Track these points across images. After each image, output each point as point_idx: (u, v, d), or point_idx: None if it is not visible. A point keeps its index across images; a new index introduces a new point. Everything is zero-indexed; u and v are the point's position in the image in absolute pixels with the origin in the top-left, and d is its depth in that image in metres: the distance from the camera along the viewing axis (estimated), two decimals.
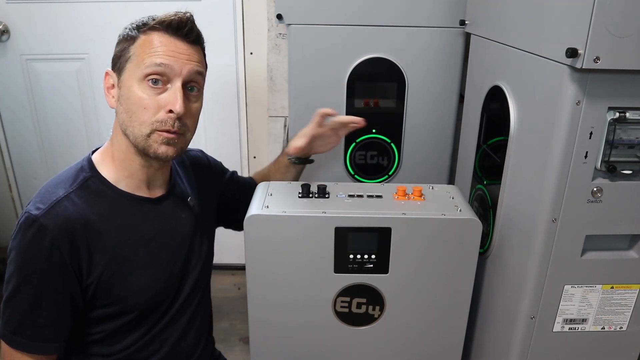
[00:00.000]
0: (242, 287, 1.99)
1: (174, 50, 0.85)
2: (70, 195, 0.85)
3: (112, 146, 0.91)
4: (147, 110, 0.84)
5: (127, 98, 0.85)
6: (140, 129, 0.85)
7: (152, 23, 0.85)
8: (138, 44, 0.85)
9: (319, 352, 1.05)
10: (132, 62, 0.85)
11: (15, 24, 1.76)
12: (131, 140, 0.87)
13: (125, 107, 0.86)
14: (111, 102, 0.90)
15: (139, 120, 0.85)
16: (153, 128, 0.85)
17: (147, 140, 0.86)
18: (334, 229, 0.93)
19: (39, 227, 0.81)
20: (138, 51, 0.85)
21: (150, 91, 0.84)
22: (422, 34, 1.32)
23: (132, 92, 0.85)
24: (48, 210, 0.82)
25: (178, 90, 0.85)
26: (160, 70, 0.84)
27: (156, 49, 0.84)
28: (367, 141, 1.42)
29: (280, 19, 1.31)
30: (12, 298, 0.83)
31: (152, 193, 0.94)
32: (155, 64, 0.83)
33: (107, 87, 0.90)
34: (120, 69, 0.87)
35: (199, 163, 1.10)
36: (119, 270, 0.88)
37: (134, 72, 0.85)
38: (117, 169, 0.90)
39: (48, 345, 0.86)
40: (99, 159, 0.91)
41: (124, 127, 0.87)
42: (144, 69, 0.84)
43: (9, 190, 1.99)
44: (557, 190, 0.83)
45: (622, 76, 0.76)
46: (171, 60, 0.84)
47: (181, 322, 0.99)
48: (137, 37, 0.86)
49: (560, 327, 0.95)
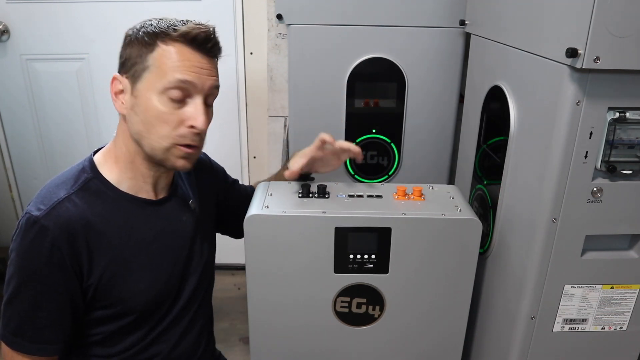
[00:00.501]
0: (242, 287, 1.99)
1: (197, 67, 0.83)
2: (71, 197, 0.84)
3: (116, 148, 0.90)
4: (168, 125, 0.83)
5: (146, 110, 0.83)
6: (160, 142, 0.84)
7: (174, 35, 0.82)
8: (158, 53, 0.82)
9: (319, 352, 1.05)
10: (150, 72, 0.82)
11: (15, 24, 1.76)
12: (147, 151, 0.86)
13: (143, 118, 0.84)
14: (120, 108, 0.87)
15: (159, 134, 0.84)
16: (174, 142, 0.85)
17: (166, 153, 0.86)
18: (334, 229, 0.93)
19: (39, 228, 0.80)
20: (158, 62, 0.82)
21: (171, 105, 0.83)
22: (422, 34, 1.32)
23: (152, 105, 0.83)
24: (49, 211, 0.81)
25: (200, 106, 0.84)
26: (183, 86, 0.82)
27: (180, 63, 0.82)
28: (367, 141, 1.42)
29: (280, 19, 1.31)
30: (13, 299, 0.83)
31: (155, 195, 0.94)
32: (178, 80, 0.82)
33: (115, 92, 0.87)
34: (136, 76, 0.84)
35: (202, 166, 1.09)
36: (119, 272, 0.88)
37: (154, 84, 0.82)
38: (121, 170, 0.90)
39: (48, 346, 0.86)
40: (101, 160, 0.91)
41: (139, 136, 0.85)
42: (165, 83, 0.82)
43: (9, 190, 1.99)
44: (557, 190, 0.83)
45: (622, 76, 0.76)
46: (194, 77, 0.83)
47: (182, 324, 0.99)
48: (155, 45, 0.82)
49: (560, 327, 0.95)
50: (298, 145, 1.43)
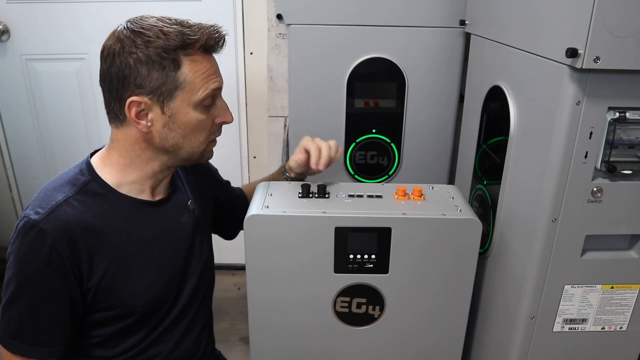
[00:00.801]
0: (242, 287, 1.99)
1: (216, 69, 0.89)
2: (69, 199, 0.84)
3: (117, 154, 0.89)
4: (206, 130, 0.90)
5: (186, 123, 0.86)
6: (199, 147, 0.90)
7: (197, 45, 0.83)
8: (186, 69, 0.82)
9: (319, 352, 1.05)
10: (184, 90, 0.83)
11: (15, 24, 1.76)
12: (184, 157, 0.91)
13: (182, 132, 0.87)
14: (144, 128, 0.85)
15: (199, 140, 0.90)
16: (208, 141, 0.92)
17: (203, 152, 0.92)
18: (334, 229, 0.93)
19: (38, 231, 0.80)
20: (190, 78, 0.83)
21: (206, 111, 0.88)
22: (422, 34, 1.32)
23: (191, 118, 0.86)
24: (47, 214, 0.81)
25: (224, 103, 0.92)
26: (215, 93, 0.88)
27: (208, 72, 0.86)
28: (367, 141, 1.42)
29: (280, 19, 1.31)
30: (11, 302, 0.83)
31: (154, 196, 0.94)
32: (213, 90, 0.87)
33: (135, 115, 0.84)
34: (165, 95, 0.83)
35: (200, 166, 1.09)
36: (120, 274, 0.88)
37: (189, 99, 0.85)
38: (122, 174, 0.89)
39: (47, 349, 0.85)
40: (99, 164, 0.90)
41: (176, 148, 0.88)
42: (203, 95, 0.85)
43: (9, 190, 1.99)
44: (557, 190, 0.83)
45: (622, 76, 0.76)
46: (220, 82, 0.89)
47: (182, 325, 0.99)
48: (180, 61, 0.82)
49: (560, 327, 0.95)
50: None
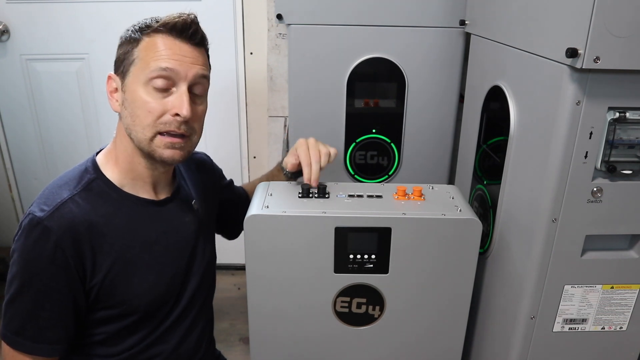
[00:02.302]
0: (242, 287, 1.99)
1: (178, 54, 0.84)
2: (74, 197, 0.84)
3: (116, 149, 0.90)
4: (152, 114, 0.83)
5: (132, 102, 0.84)
6: (143, 133, 0.84)
7: (155, 25, 0.84)
8: (142, 46, 0.84)
9: (319, 352, 1.05)
10: (136, 66, 0.84)
11: (15, 24, 1.76)
12: (136, 144, 0.86)
13: (130, 111, 0.85)
14: (115, 106, 0.88)
15: (143, 124, 0.84)
16: (156, 131, 0.84)
17: (151, 144, 0.85)
18: (334, 229, 0.93)
19: (43, 229, 0.80)
20: (142, 54, 0.84)
21: (156, 94, 0.84)
22: (422, 34, 1.32)
23: (137, 96, 0.84)
24: (52, 212, 0.81)
25: (184, 94, 0.84)
26: (166, 74, 0.83)
27: (161, 52, 0.83)
28: (367, 141, 1.42)
29: (280, 19, 1.31)
30: (15, 299, 0.83)
31: (157, 196, 0.94)
32: (160, 68, 0.82)
33: (110, 91, 0.89)
34: (124, 72, 0.86)
35: (204, 166, 1.10)
36: (123, 273, 0.88)
37: (139, 76, 0.84)
38: (122, 171, 0.90)
39: (50, 346, 0.85)
40: (103, 161, 0.91)
41: (129, 130, 0.86)
42: (148, 72, 0.83)
43: (9, 190, 1.99)
44: (557, 190, 0.83)
45: (622, 76, 0.76)
46: (176, 64, 0.83)
47: (184, 325, 0.99)
48: (140, 39, 0.84)
49: (560, 327, 0.95)
50: None
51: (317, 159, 1.01)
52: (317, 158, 1.01)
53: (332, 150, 1.04)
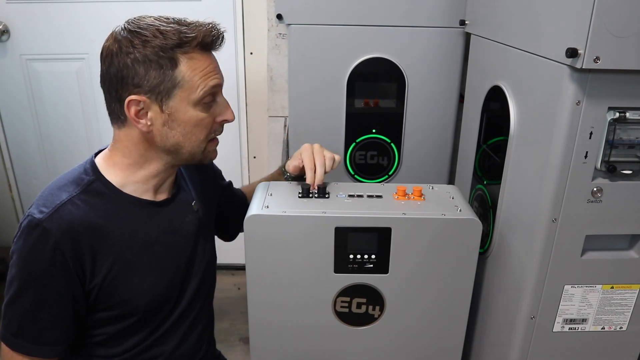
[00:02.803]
0: (242, 287, 1.99)
1: (216, 68, 0.88)
2: (73, 199, 0.84)
3: (121, 154, 0.89)
4: (206, 128, 0.89)
5: (186, 122, 0.86)
6: (200, 146, 0.90)
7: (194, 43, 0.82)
8: (184, 67, 0.82)
9: (319, 352, 1.05)
10: (182, 88, 0.83)
11: (15, 24, 1.76)
12: (185, 157, 0.90)
13: (182, 131, 0.86)
14: (144, 127, 0.85)
15: (199, 139, 0.89)
16: (208, 140, 0.91)
17: (204, 152, 0.92)
18: (334, 229, 0.93)
19: (42, 230, 0.80)
20: (187, 76, 0.82)
21: (206, 109, 0.88)
22: (422, 34, 1.32)
23: (191, 116, 0.86)
24: (51, 214, 0.81)
25: (225, 100, 0.92)
26: (215, 91, 0.88)
27: (206, 70, 0.85)
28: (367, 141, 1.42)
29: (280, 19, 1.31)
30: (14, 300, 0.83)
31: (158, 197, 0.94)
32: (212, 87, 0.86)
33: (134, 114, 0.84)
34: (164, 94, 0.83)
35: (203, 167, 1.09)
36: (122, 274, 0.88)
37: (188, 97, 0.84)
38: (126, 174, 0.89)
39: (49, 348, 0.86)
40: (103, 164, 0.90)
41: (177, 147, 0.88)
42: (202, 93, 0.85)
43: (9, 190, 1.99)
44: (557, 190, 0.83)
45: (622, 76, 0.76)
46: (219, 79, 0.88)
47: (184, 325, 0.99)
48: (177, 60, 0.82)
49: (560, 327, 0.95)
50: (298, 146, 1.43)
51: (322, 163, 1.01)
52: (321, 162, 1.01)
53: (336, 157, 1.04)
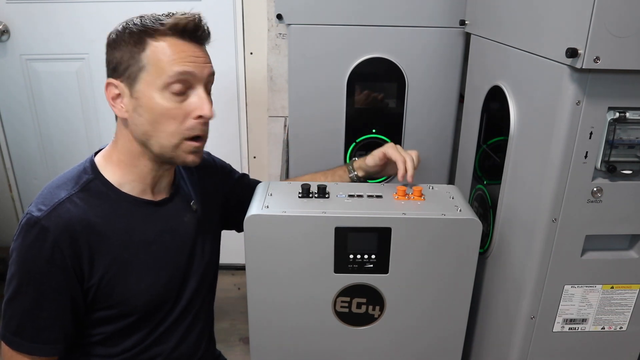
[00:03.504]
0: (242, 287, 1.99)
1: (193, 56, 0.83)
2: (72, 197, 0.84)
3: (118, 150, 0.90)
4: (175, 120, 0.84)
5: (151, 109, 0.83)
6: (169, 140, 0.84)
7: (163, 29, 0.82)
8: (151, 51, 0.82)
9: (319, 352, 1.05)
10: (147, 72, 0.82)
11: (15, 24, 1.76)
12: (156, 151, 0.86)
13: (148, 118, 0.83)
14: (121, 112, 0.86)
15: (167, 131, 0.84)
16: (182, 137, 0.85)
17: (176, 150, 0.86)
18: (334, 229, 0.93)
19: (40, 228, 0.80)
20: (153, 60, 0.82)
21: (174, 99, 0.83)
22: (422, 34, 1.32)
23: (155, 103, 0.82)
24: (50, 212, 0.81)
25: (203, 94, 0.85)
26: (183, 78, 0.82)
27: (176, 56, 0.82)
28: (367, 141, 1.42)
29: (280, 19, 1.31)
30: (13, 299, 0.83)
31: (156, 196, 0.94)
32: (178, 73, 0.82)
33: (111, 98, 0.86)
34: (132, 78, 0.83)
35: (205, 165, 1.08)
36: (120, 273, 0.88)
37: (153, 82, 0.82)
38: (123, 172, 0.89)
39: (48, 346, 0.86)
40: (102, 162, 0.90)
41: (146, 137, 0.85)
42: (165, 78, 0.81)
43: (9, 190, 1.99)
44: (557, 190, 0.83)
45: (622, 76, 0.76)
46: (193, 67, 0.83)
47: (183, 326, 0.99)
48: (145, 43, 0.82)
49: (560, 327, 0.95)
50: (298, 146, 1.44)
51: (411, 158, 1.03)
52: (411, 157, 1.03)
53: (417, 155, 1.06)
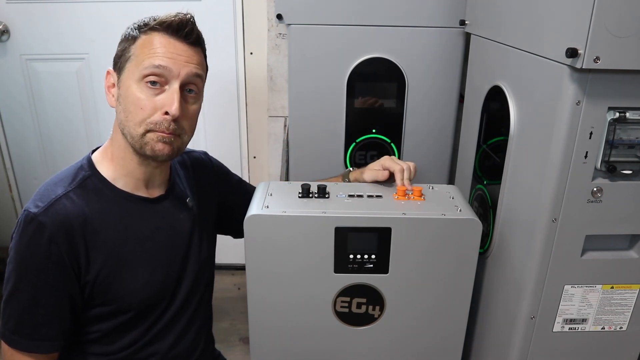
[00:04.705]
0: (242, 287, 1.99)
1: (172, 52, 0.85)
2: (69, 194, 0.85)
3: (112, 145, 0.91)
4: (144, 111, 0.84)
5: (125, 97, 0.86)
6: (135, 129, 0.85)
7: (152, 23, 0.86)
8: (138, 44, 0.85)
9: (319, 352, 1.05)
10: (131, 62, 0.86)
11: (15, 24, 1.76)
12: (129, 141, 0.87)
13: (124, 107, 0.86)
14: (111, 101, 0.90)
15: (135, 120, 0.85)
16: (147, 129, 0.85)
17: (142, 139, 0.86)
18: (334, 229, 0.93)
19: (37, 224, 0.81)
20: (138, 51, 0.85)
21: (148, 92, 0.84)
22: (422, 34, 1.32)
23: (130, 92, 0.85)
24: (47, 208, 0.82)
25: (175, 92, 0.85)
26: (159, 71, 0.84)
27: (155, 50, 0.84)
28: (367, 141, 1.42)
29: (280, 19, 1.31)
30: (12, 296, 0.84)
31: (151, 193, 0.94)
32: (153, 66, 0.83)
33: (107, 86, 0.90)
34: (121, 68, 0.87)
35: (201, 164, 1.09)
36: (116, 269, 0.88)
37: (133, 73, 0.85)
38: (116, 167, 0.91)
39: (47, 343, 0.86)
40: (99, 158, 0.92)
41: (122, 126, 0.87)
42: (142, 69, 0.84)
43: (9, 190, 1.99)
44: (557, 190, 0.83)
45: (622, 76, 0.76)
46: (169, 62, 0.84)
47: (180, 323, 0.99)
48: (137, 37, 0.86)
49: (560, 327, 0.95)
50: (298, 146, 1.44)
51: (408, 167, 1.04)
52: (407, 166, 1.04)
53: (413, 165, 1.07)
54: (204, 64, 0.92)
